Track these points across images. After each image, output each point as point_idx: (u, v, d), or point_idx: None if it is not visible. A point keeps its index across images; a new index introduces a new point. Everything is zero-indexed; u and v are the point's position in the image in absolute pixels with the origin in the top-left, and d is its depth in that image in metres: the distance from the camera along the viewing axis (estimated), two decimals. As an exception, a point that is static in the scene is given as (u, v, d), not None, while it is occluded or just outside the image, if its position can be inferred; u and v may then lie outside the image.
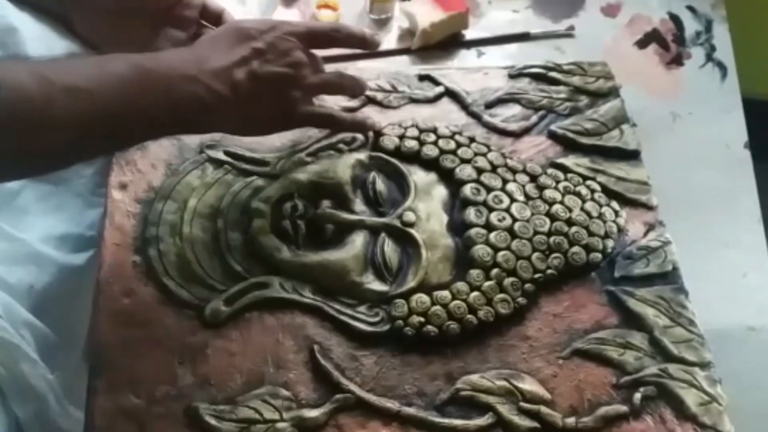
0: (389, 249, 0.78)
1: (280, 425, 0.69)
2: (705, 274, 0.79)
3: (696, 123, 1.01)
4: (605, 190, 0.87)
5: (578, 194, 0.85)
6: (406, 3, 1.05)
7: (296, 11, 1.04)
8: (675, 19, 1.12)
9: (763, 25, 1.42)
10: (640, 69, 1.06)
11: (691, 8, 1.13)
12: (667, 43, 1.09)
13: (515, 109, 0.93)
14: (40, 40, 0.81)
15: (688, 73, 1.07)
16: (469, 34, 1.07)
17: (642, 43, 1.09)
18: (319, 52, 0.81)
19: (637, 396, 0.73)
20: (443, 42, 1.05)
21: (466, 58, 1.04)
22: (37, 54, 0.80)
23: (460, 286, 0.77)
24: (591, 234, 0.83)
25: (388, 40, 1.05)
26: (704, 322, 0.79)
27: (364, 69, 0.95)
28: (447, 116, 0.91)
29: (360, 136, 0.87)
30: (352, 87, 0.84)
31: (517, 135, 0.91)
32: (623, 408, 0.73)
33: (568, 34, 1.09)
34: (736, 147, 0.99)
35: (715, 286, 0.86)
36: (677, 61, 1.08)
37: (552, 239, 0.81)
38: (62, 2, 0.84)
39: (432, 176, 0.85)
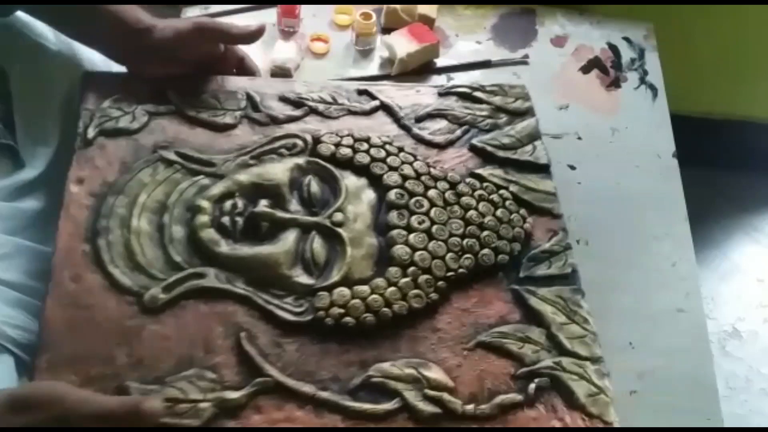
0: (318, 246, 0.68)
1: (202, 405, 0.59)
2: (640, 263, 0.78)
3: (631, 136, 0.96)
4: (516, 198, 0.77)
5: (491, 201, 0.75)
6: (386, 36, 0.98)
7: (293, 43, 0.96)
8: (613, 48, 1.06)
9: (688, 52, 1.34)
10: (584, 90, 1.01)
11: (626, 39, 1.08)
12: (607, 69, 1.04)
13: (442, 124, 0.82)
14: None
15: (625, 93, 1.02)
16: (440, 62, 1.00)
17: (585, 69, 1.03)
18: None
19: (532, 386, 0.65)
20: (418, 69, 0.98)
21: (437, 82, 0.97)
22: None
23: (379, 281, 0.67)
24: (500, 237, 0.73)
25: (371, 68, 0.98)
26: (640, 304, 0.78)
27: (313, 84, 0.84)
28: (381, 128, 0.80)
29: (300, 143, 0.76)
30: None
31: (442, 147, 0.80)
32: (519, 397, 0.64)
33: (523, 61, 1.02)
34: (665, 156, 0.95)
35: (649, 274, 0.83)
36: (615, 83, 1.02)
37: (465, 241, 0.71)
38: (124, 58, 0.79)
39: (362, 181, 0.74)
